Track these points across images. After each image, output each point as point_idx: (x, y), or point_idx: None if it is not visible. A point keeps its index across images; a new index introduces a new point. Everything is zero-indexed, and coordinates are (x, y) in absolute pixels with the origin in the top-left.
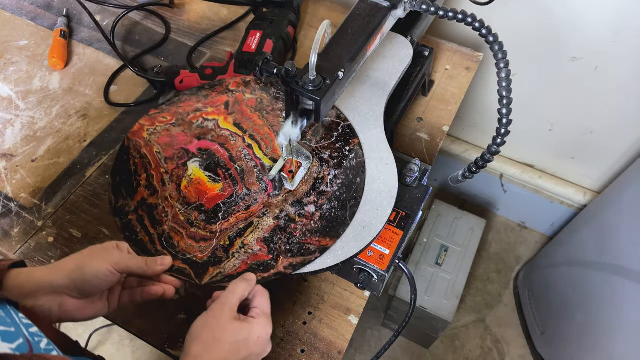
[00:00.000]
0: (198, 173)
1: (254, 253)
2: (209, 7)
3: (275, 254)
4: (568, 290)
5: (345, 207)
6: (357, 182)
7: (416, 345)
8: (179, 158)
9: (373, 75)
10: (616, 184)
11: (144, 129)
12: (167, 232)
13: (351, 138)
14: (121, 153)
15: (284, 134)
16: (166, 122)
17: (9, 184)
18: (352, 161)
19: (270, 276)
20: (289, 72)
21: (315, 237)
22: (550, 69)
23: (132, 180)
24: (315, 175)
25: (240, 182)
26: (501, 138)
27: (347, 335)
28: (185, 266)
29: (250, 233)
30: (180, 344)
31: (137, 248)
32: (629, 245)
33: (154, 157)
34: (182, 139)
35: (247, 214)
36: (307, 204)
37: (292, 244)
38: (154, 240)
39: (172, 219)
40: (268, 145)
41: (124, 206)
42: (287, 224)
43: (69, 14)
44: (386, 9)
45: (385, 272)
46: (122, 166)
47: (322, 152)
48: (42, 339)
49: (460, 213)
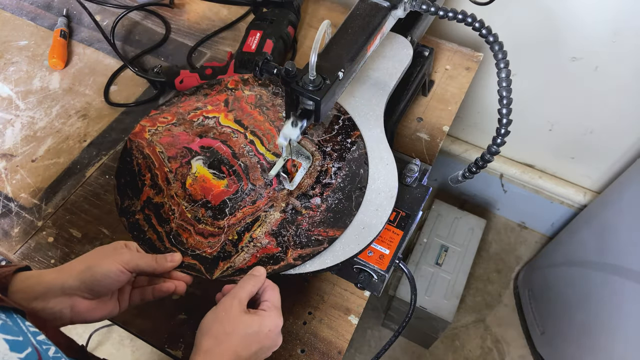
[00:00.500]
0: (202, 170)
1: (262, 246)
2: (209, 7)
3: (284, 247)
4: (568, 290)
5: (350, 197)
6: (361, 172)
7: (416, 345)
8: (182, 157)
9: (373, 75)
10: (616, 184)
11: (146, 130)
12: (175, 229)
13: (352, 130)
14: (124, 155)
15: (283, 134)
16: (167, 122)
17: (9, 184)
18: (355, 153)
19: (280, 268)
20: (289, 72)
21: (323, 228)
22: (550, 69)
23: (136, 181)
24: (319, 168)
25: (244, 177)
26: (501, 138)
27: (347, 335)
28: (195, 262)
29: (257, 227)
30: (180, 343)
31: (146, 246)
32: (629, 245)
33: (157, 156)
34: (184, 138)
35: (253, 209)
36: (313, 196)
37: (301, 236)
38: (162, 238)
39: (179, 217)
40: (270, 140)
41: (130, 206)
42: (293, 217)
43: (69, 14)
44: (386, 9)
45: (385, 272)
46: (126, 167)
47: (324, 145)
48: (50, 346)
49: (460, 213)
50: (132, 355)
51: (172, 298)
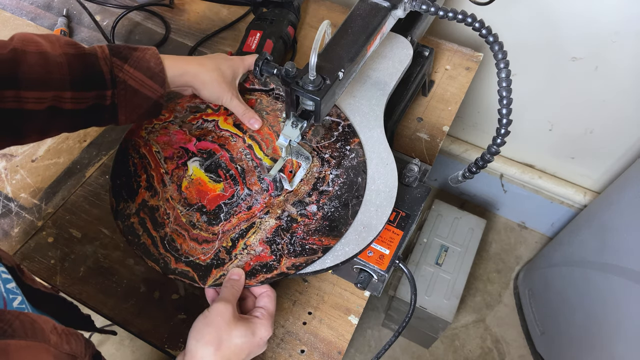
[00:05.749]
0: (198, 173)
1: (256, 254)
2: (209, 7)
3: (278, 255)
4: (568, 290)
5: (347, 205)
6: (359, 181)
7: (416, 345)
8: (178, 157)
9: (373, 75)
10: (616, 184)
11: (142, 127)
12: (170, 234)
13: (351, 137)
14: (119, 154)
15: (283, 134)
16: (164, 120)
17: (9, 184)
18: (353, 160)
19: (273, 277)
20: (289, 72)
21: (318, 236)
22: (550, 69)
23: (132, 182)
24: (317, 175)
25: (241, 182)
26: (501, 138)
27: (347, 335)
28: (188, 269)
29: (252, 234)
30: (180, 344)
31: (140, 251)
32: (629, 245)
33: (153, 156)
34: (181, 137)
35: (248, 215)
36: (309, 204)
37: (295, 244)
38: (156, 243)
39: (174, 221)
40: (268, 145)
41: (125, 209)
42: (289, 224)
43: (69, 14)
44: (386, 9)
45: (385, 272)
46: (122, 167)
47: (322, 151)
48: (17, 296)
49: (460, 213)
50: (132, 355)
51: (172, 298)
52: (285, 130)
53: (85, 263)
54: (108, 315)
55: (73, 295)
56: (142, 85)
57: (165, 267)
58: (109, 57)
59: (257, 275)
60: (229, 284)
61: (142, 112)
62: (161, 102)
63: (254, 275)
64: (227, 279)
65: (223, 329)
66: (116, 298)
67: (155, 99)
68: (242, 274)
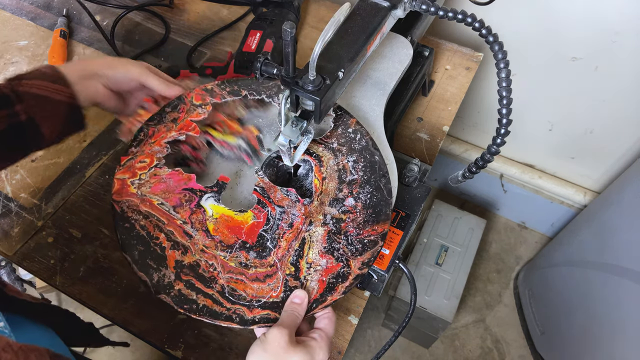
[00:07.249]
0: (219, 209)
1: (323, 268)
2: (209, 7)
3: (344, 259)
4: (568, 290)
5: (379, 187)
6: (376, 159)
7: (416, 345)
8: (188, 202)
9: (373, 75)
10: (616, 184)
11: (128, 184)
12: (227, 284)
13: (348, 119)
14: (119, 221)
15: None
16: (148, 166)
17: (9, 184)
18: (361, 141)
19: (352, 283)
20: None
21: (370, 227)
22: (550, 69)
23: (152, 248)
24: (336, 167)
25: (268, 202)
26: (501, 138)
27: (347, 335)
28: (267, 311)
29: (308, 250)
30: (180, 344)
31: (208, 315)
32: (629, 245)
33: (160, 211)
34: (178, 178)
35: (294, 232)
36: (344, 198)
37: (354, 243)
38: (218, 300)
39: (223, 270)
40: (222, 127)
41: (162, 279)
42: (337, 226)
43: (69, 14)
44: (386, 9)
45: (385, 272)
46: (131, 236)
47: (329, 142)
48: None
49: (460, 213)
50: (132, 355)
51: None
52: (285, 130)
53: (85, 263)
54: (108, 315)
55: (73, 295)
56: (48, 89)
57: (242, 321)
58: (6, 81)
59: (336, 287)
60: (290, 308)
61: (63, 121)
62: (77, 105)
63: (333, 289)
64: (289, 302)
65: (280, 355)
66: (116, 298)
67: (67, 101)
68: (304, 298)
